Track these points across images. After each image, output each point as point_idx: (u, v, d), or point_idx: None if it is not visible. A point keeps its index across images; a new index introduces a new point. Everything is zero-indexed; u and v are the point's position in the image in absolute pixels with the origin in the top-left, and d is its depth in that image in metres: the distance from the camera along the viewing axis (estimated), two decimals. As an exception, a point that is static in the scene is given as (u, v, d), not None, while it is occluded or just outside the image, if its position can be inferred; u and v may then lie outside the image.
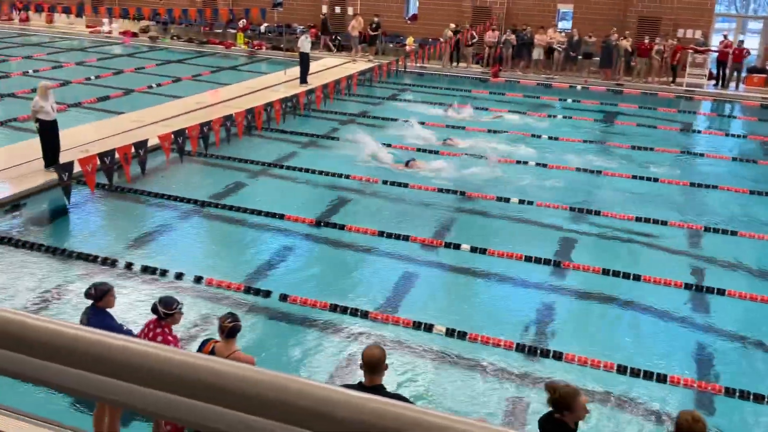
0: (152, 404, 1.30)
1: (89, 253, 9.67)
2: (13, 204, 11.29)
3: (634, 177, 14.00)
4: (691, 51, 23.01)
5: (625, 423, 6.81)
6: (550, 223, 11.57)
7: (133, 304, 8.36)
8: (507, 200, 12.41)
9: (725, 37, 23.40)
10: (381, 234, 10.72)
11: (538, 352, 7.81)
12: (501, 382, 7.36)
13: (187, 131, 13.48)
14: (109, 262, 9.48)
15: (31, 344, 1.34)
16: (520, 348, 7.87)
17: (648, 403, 7.08)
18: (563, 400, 4.45)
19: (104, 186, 11.90)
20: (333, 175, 13.41)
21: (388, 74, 21.89)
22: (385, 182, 13.09)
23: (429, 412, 1.21)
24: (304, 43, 20.61)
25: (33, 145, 13.30)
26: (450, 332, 8.09)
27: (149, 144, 12.75)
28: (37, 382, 1.38)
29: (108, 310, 5.91)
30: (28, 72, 21.42)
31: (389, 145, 14.98)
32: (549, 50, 23.81)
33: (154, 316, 5.62)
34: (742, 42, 23.69)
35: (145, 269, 9.32)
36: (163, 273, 9.25)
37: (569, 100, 21.13)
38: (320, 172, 13.50)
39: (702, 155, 16.00)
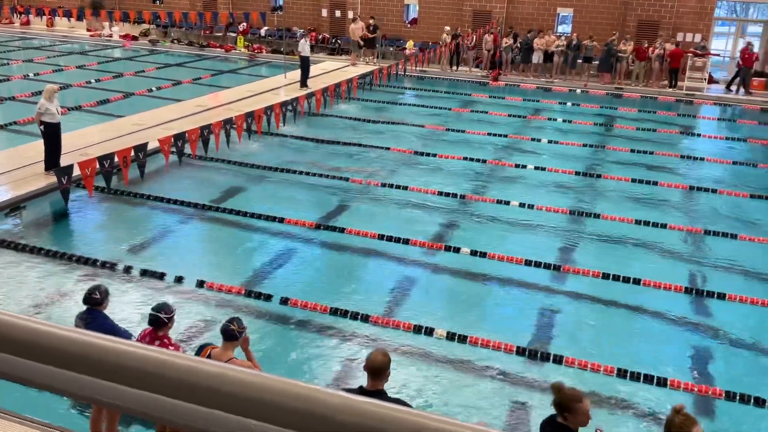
0: (152, 408, 1.30)
1: (88, 257, 9.67)
2: (13, 207, 11.29)
3: (634, 180, 14.00)
4: (690, 55, 23.02)
5: (624, 427, 6.80)
6: (550, 227, 11.57)
7: (132, 308, 8.36)
8: (507, 203, 12.41)
9: (749, 44, 22.82)
10: (381, 237, 10.71)
11: (539, 355, 7.81)
12: (501, 386, 7.35)
13: (187, 134, 13.48)
14: (109, 266, 9.47)
15: (32, 348, 1.34)
16: (520, 351, 7.86)
17: (647, 407, 7.06)
18: (563, 402, 4.45)
19: (102, 189, 11.91)
20: (334, 177, 13.41)
21: (389, 77, 21.92)
22: (384, 185, 13.10)
23: (429, 416, 1.21)
24: (304, 47, 20.64)
25: (34, 148, 13.31)
26: (450, 336, 8.09)
27: (149, 147, 12.76)
28: (42, 387, 1.38)
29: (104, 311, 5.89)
30: (28, 75, 21.44)
31: None
32: (549, 54, 23.81)
33: (150, 327, 5.53)
34: (751, 45, 22.84)
35: (144, 272, 9.32)
36: (162, 276, 9.25)
37: (569, 104, 21.14)
38: (320, 175, 13.50)
39: (702, 159, 16.00)
